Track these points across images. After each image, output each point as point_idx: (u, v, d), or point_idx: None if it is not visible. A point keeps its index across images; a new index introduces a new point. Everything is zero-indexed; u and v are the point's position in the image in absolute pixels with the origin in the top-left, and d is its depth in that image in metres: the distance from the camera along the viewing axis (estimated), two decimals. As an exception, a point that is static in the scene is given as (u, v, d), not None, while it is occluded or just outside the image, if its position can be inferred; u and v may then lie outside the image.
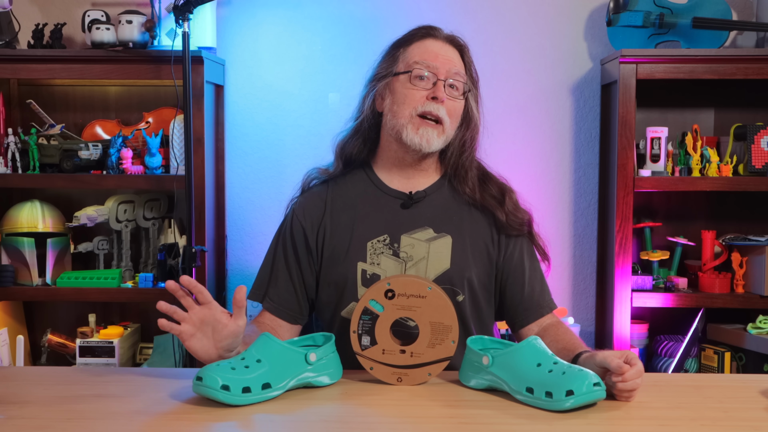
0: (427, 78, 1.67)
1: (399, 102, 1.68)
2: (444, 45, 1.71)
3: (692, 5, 2.68)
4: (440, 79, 1.67)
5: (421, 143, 1.66)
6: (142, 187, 2.70)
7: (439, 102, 1.65)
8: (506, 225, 1.72)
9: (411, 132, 1.66)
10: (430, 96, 1.66)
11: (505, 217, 1.72)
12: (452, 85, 1.68)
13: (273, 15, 2.90)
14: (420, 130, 1.66)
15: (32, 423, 1.27)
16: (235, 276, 2.96)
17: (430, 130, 1.66)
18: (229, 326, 1.45)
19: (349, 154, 1.77)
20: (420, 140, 1.66)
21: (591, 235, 2.93)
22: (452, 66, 1.68)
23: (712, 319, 2.77)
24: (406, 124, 1.66)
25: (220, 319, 1.45)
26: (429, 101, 1.66)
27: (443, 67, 1.67)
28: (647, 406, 1.37)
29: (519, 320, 1.73)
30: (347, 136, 1.78)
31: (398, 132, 1.68)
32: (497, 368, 1.41)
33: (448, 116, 1.67)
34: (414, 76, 1.67)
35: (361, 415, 1.34)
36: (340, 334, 1.60)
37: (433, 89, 1.66)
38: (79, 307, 2.94)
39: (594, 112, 2.90)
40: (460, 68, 1.70)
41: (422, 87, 1.67)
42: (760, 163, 2.64)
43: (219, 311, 1.46)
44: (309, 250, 1.73)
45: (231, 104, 2.92)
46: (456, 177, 1.75)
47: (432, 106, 1.65)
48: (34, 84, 2.89)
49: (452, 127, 1.70)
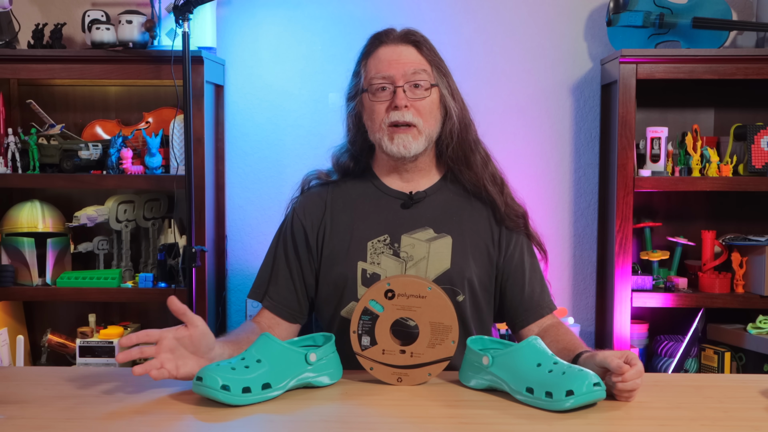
0: (387, 88, 1.67)
1: (370, 118, 1.70)
2: (397, 47, 1.70)
3: (692, 5, 2.68)
4: (398, 85, 1.66)
5: (400, 151, 1.67)
6: (142, 187, 2.70)
7: (401, 109, 1.65)
8: (504, 215, 1.72)
9: (387, 142, 1.67)
10: (391, 106, 1.66)
11: (504, 207, 1.72)
12: (415, 84, 1.67)
13: (273, 15, 2.90)
14: (395, 138, 1.67)
15: (32, 423, 1.27)
16: (235, 276, 2.97)
17: (403, 136, 1.66)
18: (190, 334, 1.43)
19: (345, 167, 1.79)
20: (398, 148, 1.67)
21: (591, 235, 2.93)
22: (408, 67, 1.67)
23: (712, 319, 2.77)
24: (382, 137, 1.68)
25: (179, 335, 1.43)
26: (392, 111, 1.66)
27: (398, 73, 1.67)
28: (647, 406, 1.37)
29: (519, 321, 1.73)
30: (341, 152, 1.80)
31: (379, 144, 1.70)
32: (497, 368, 1.41)
33: (419, 116, 1.67)
34: (373, 91, 1.68)
35: (361, 415, 1.34)
36: (340, 334, 1.60)
37: (392, 98, 1.66)
38: (79, 307, 2.94)
39: (594, 112, 2.90)
40: (419, 65, 1.69)
41: (384, 99, 1.67)
42: (760, 163, 2.64)
43: (173, 331, 1.43)
44: (309, 249, 1.73)
45: (231, 104, 2.92)
46: (457, 165, 1.74)
47: (396, 114, 1.66)
48: (34, 84, 2.89)
49: (429, 125, 1.69)
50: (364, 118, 1.73)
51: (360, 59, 1.75)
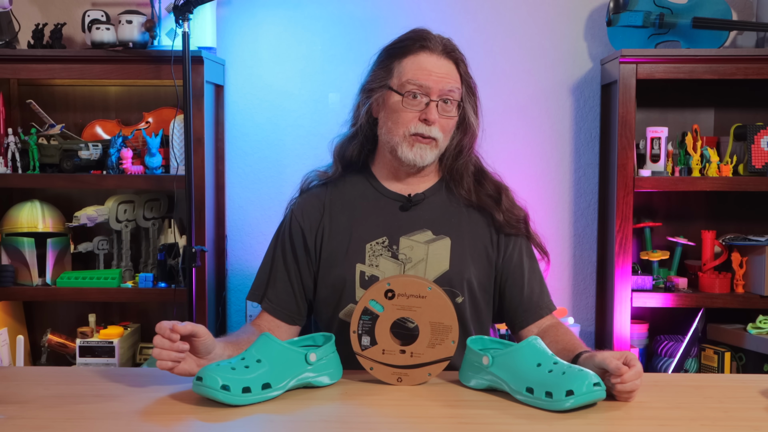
0: (419, 97, 1.65)
1: (393, 120, 1.67)
2: (439, 59, 1.67)
3: (692, 5, 2.68)
4: (432, 99, 1.65)
5: (415, 159, 1.67)
6: (142, 187, 2.70)
7: (431, 124, 1.65)
8: (503, 224, 1.72)
9: (406, 149, 1.66)
10: (422, 117, 1.65)
11: (502, 216, 1.72)
12: (446, 100, 1.66)
13: (273, 15, 2.90)
14: (414, 147, 1.66)
15: (32, 423, 1.27)
16: (235, 276, 2.97)
17: (424, 147, 1.66)
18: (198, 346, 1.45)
19: (348, 158, 1.77)
20: (414, 157, 1.66)
21: (591, 235, 2.93)
22: (446, 83, 1.66)
23: (712, 319, 2.77)
24: (400, 142, 1.66)
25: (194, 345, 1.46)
26: (421, 123, 1.65)
27: (436, 87, 1.65)
28: (647, 406, 1.37)
29: (519, 321, 1.73)
30: (345, 140, 1.77)
31: (393, 148, 1.68)
32: (497, 368, 1.41)
33: (441, 132, 1.67)
34: (406, 97, 1.66)
35: (361, 415, 1.34)
36: (339, 336, 1.59)
37: (425, 110, 1.65)
38: (79, 307, 2.94)
39: (594, 112, 2.90)
40: (455, 83, 1.67)
41: (414, 108, 1.65)
42: (760, 163, 2.64)
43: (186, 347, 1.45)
44: (307, 252, 1.73)
45: (231, 104, 2.92)
46: (452, 180, 1.75)
47: (423, 128, 1.65)
48: (34, 84, 2.89)
49: (446, 140, 1.70)
50: (381, 114, 1.71)
51: (394, 54, 1.70)
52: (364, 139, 1.75)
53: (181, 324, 1.40)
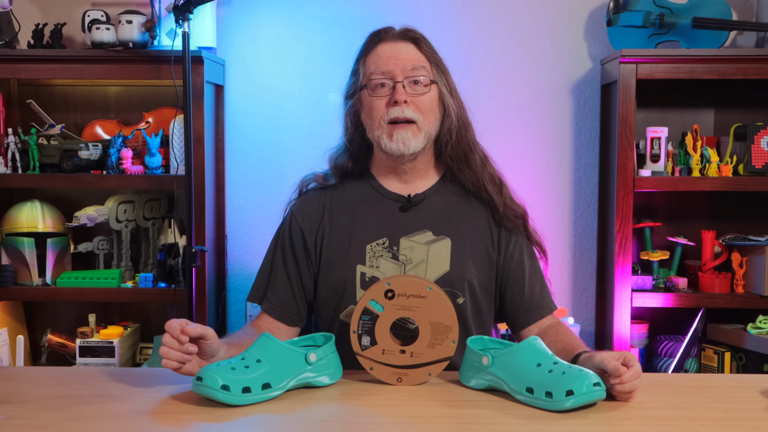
0: (386, 84, 1.66)
1: (369, 115, 1.69)
2: (396, 44, 1.69)
3: (692, 5, 2.68)
4: (397, 81, 1.66)
5: (399, 148, 1.66)
6: (142, 187, 2.70)
7: (401, 104, 1.65)
8: (503, 216, 1.72)
9: (386, 140, 1.66)
10: (391, 101, 1.65)
11: (503, 207, 1.72)
12: (414, 80, 1.67)
13: (273, 15, 2.90)
14: (394, 135, 1.66)
15: (32, 423, 1.27)
16: (235, 276, 2.97)
17: (403, 132, 1.65)
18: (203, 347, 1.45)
19: (344, 168, 1.78)
20: (396, 145, 1.66)
21: (591, 235, 2.93)
22: (407, 63, 1.67)
23: (712, 319, 2.77)
24: (381, 134, 1.67)
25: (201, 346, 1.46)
26: (392, 107, 1.65)
27: (398, 68, 1.66)
28: (647, 406, 1.37)
29: (519, 321, 1.73)
30: (338, 152, 1.79)
31: (378, 143, 1.69)
32: (497, 368, 1.41)
33: (419, 113, 1.66)
34: (372, 87, 1.67)
35: (361, 415, 1.34)
36: (339, 337, 1.59)
37: (392, 93, 1.66)
38: (79, 307, 2.94)
39: (594, 112, 2.90)
40: (418, 61, 1.68)
41: (383, 95, 1.67)
42: (760, 163, 2.64)
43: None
44: (307, 253, 1.73)
45: (231, 104, 2.92)
46: (456, 164, 1.74)
47: (396, 110, 1.65)
48: (34, 84, 2.89)
49: (428, 122, 1.68)
50: (362, 116, 1.72)
51: (358, 57, 1.74)
52: (357, 149, 1.76)
53: (191, 326, 1.40)
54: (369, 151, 1.78)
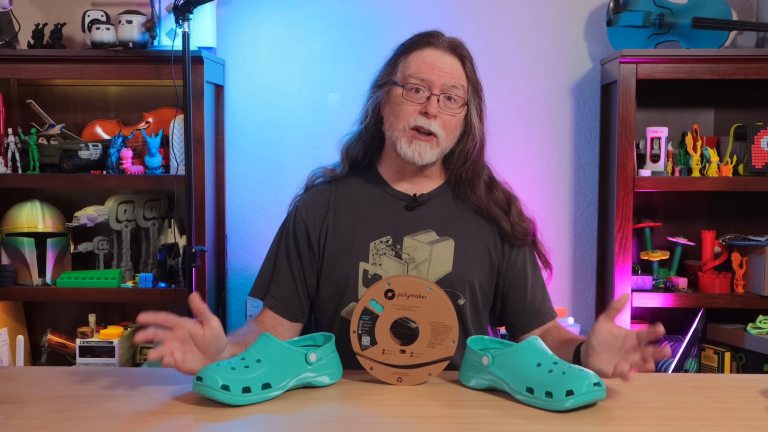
0: (422, 91, 1.65)
1: (394, 114, 1.68)
2: (443, 55, 1.68)
3: (692, 5, 2.68)
4: (434, 93, 1.65)
5: (413, 156, 1.66)
6: (142, 187, 2.70)
7: (431, 117, 1.64)
8: (510, 235, 1.71)
9: (404, 145, 1.66)
10: (422, 110, 1.65)
11: (510, 227, 1.71)
12: (449, 97, 1.66)
13: (273, 15, 2.90)
14: (413, 143, 1.65)
15: (32, 423, 1.27)
16: (235, 276, 2.97)
17: (423, 144, 1.65)
18: (204, 333, 1.42)
19: (354, 156, 1.77)
20: (413, 154, 1.66)
21: (591, 235, 2.93)
22: (449, 78, 1.66)
23: (712, 319, 2.77)
24: (400, 137, 1.66)
25: (194, 331, 1.42)
26: (421, 116, 1.64)
27: (438, 81, 1.65)
28: (647, 406, 1.37)
29: (521, 326, 1.74)
30: (352, 138, 1.78)
31: (394, 143, 1.68)
32: (497, 368, 1.41)
33: (443, 129, 1.66)
34: (408, 89, 1.66)
35: (361, 415, 1.34)
36: (340, 334, 1.59)
37: (426, 104, 1.65)
38: (79, 307, 2.94)
39: (594, 112, 2.90)
40: (459, 79, 1.67)
41: (416, 101, 1.65)
42: (760, 163, 2.64)
43: (190, 324, 1.42)
44: (311, 248, 1.73)
45: (231, 104, 2.92)
46: (461, 185, 1.74)
47: (423, 120, 1.64)
48: (34, 84, 2.89)
49: (448, 139, 1.68)
50: (385, 110, 1.71)
51: (400, 51, 1.72)
52: (370, 138, 1.75)
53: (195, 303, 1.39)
54: (380, 143, 1.77)
